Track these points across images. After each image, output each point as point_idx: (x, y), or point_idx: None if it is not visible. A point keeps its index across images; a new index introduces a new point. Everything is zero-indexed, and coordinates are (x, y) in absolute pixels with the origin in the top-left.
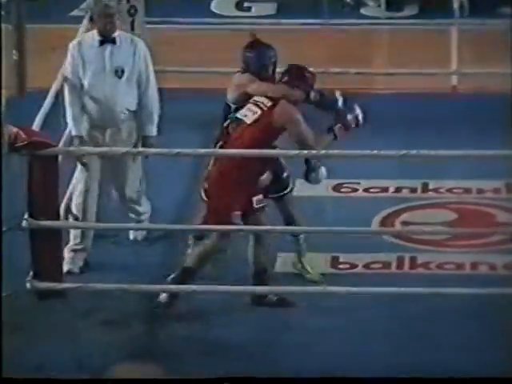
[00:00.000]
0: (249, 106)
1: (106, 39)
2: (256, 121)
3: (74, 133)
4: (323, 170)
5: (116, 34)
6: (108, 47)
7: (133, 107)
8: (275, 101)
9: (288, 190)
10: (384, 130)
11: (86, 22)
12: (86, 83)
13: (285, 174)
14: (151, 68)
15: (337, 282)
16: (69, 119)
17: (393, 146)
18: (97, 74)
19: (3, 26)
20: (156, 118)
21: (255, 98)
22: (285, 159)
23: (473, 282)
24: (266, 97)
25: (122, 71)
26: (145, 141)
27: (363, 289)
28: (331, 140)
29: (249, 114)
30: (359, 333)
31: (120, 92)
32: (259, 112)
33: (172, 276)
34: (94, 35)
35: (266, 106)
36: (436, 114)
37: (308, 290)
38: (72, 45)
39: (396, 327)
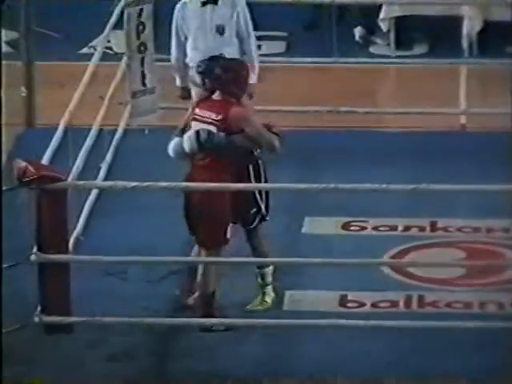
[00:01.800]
0: (195, 124)
1: (208, 0)
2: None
3: (178, 84)
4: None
5: None
6: (209, 7)
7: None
8: (222, 110)
9: (253, 225)
10: (392, 167)
11: None
12: (190, 39)
13: (253, 210)
14: (250, 24)
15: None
16: (175, 72)
17: (402, 183)
18: (200, 31)
19: (14, 62)
20: (257, 68)
21: (198, 115)
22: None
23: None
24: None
25: (223, 28)
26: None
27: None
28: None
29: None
30: None
31: (223, 46)
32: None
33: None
34: None
35: (215, 119)
36: (444, 151)
37: (320, 323)
38: (178, 6)
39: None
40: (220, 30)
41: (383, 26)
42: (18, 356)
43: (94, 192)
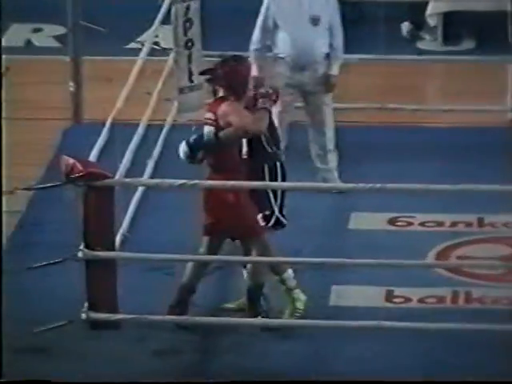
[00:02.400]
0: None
1: None
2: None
3: (254, 73)
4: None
5: None
6: None
7: (326, 50)
8: (216, 109)
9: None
10: (441, 162)
11: None
12: (285, 30)
13: (267, 212)
14: (338, 14)
15: (391, 316)
16: (253, 60)
17: (449, 179)
18: (295, 22)
19: (62, 57)
20: (340, 59)
21: (204, 117)
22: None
23: None
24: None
25: (318, 19)
26: (328, 78)
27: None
28: (264, 113)
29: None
30: None
31: (317, 37)
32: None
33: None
34: None
35: (210, 119)
36: (492, 146)
37: (364, 325)
38: None
39: None
40: (315, 21)
41: (431, 22)
42: (64, 352)
43: (141, 188)
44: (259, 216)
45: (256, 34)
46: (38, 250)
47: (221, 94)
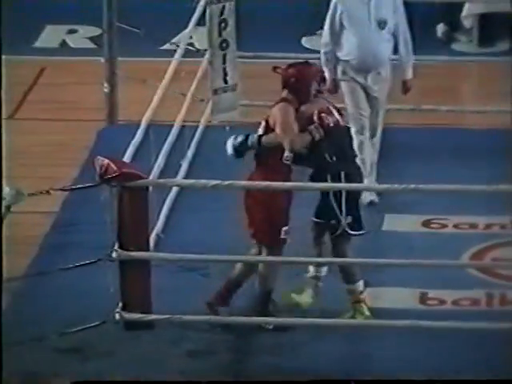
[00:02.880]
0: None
1: None
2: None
3: (327, 76)
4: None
5: None
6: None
7: (390, 53)
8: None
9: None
10: (473, 164)
11: None
12: (349, 31)
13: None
14: (404, 17)
15: (425, 318)
16: (324, 64)
17: (482, 180)
18: (361, 24)
19: (97, 58)
20: (411, 62)
21: None
22: None
23: None
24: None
25: (385, 22)
26: (404, 84)
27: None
28: (309, 139)
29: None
30: None
31: (382, 41)
32: (264, 122)
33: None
34: None
35: (265, 119)
36: None
37: (397, 324)
38: None
39: None
40: (382, 25)
41: (466, 23)
42: (98, 352)
43: (175, 189)
44: (283, 228)
45: (325, 36)
46: (72, 251)
47: (283, 94)
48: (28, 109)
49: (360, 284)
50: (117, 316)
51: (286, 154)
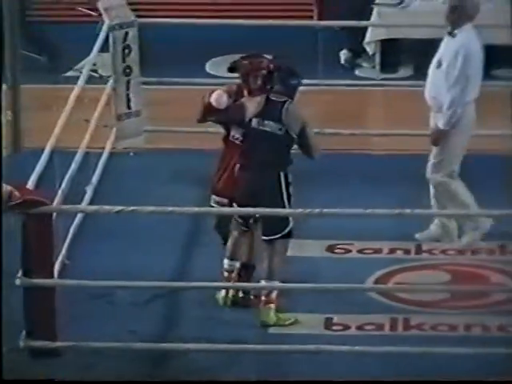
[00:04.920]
0: None
1: (450, 32)
2: None
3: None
4: None
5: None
6: (447, 39)
7: (443, 97)
8: None
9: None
10: (378, 189)
11: None
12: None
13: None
14: (459, 65)
15: (331, 343)
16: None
17: (387, 205)
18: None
19: None
20: (449, 113)
21: None
22: None
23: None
24: None
25: (440, 62)
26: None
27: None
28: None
29: None
30: None
31: (436, 80)
32: None
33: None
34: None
35: None
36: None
37: (307, 349)
38: None
39: None
40: (439, 63)
41: (369, 49)
42: (5, 380)
43: (80, 215)
44: None
45: None
46: None
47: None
48: None
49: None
50: (21, 343)
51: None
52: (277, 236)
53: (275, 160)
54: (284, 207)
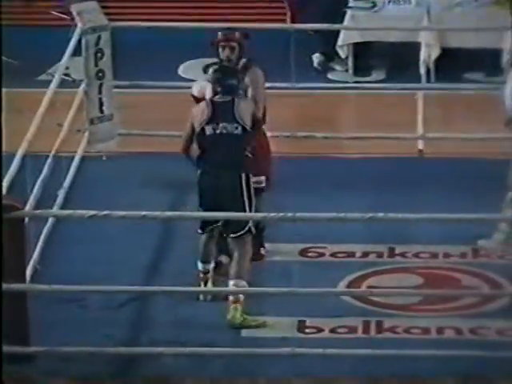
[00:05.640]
0: None
1: None
2: None
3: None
4: None
5: None
6: None
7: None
8: None
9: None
10: (351, 193)
11: None
12: None
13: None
14: None
15: (304, 346)
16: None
17: (360, 209)
18: None
19: None
20: None
21: None
22: None
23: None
24: None
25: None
26: None
27: (328, 350)
28: None
29: None
30: None
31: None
32: None
33: None
34: None
35: None
36: (403, 177)
37: (282, 352)
38: None
39: None
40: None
41: (341, 53)
42: None
43: (51, 220)
44: None
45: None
46: None
47: None
48: None
49: (244, 284)
50: None
51: None
52: (237, 235)
53: (235, 161)
54: (244, 207)
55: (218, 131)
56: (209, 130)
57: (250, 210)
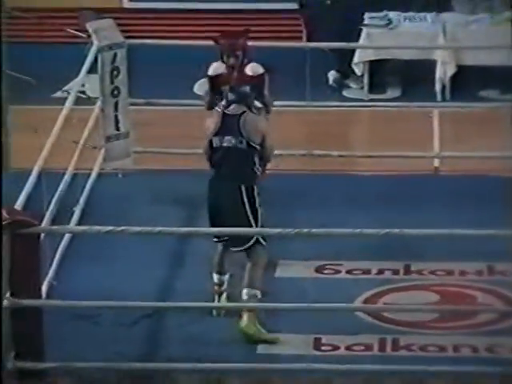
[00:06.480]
0: None
1: None
2: None
3: None
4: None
5: None
6: None
7: None
8: None
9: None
10: (367, 211)
11: None
12: None
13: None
14: None
15: (320, 363)
16: None
17: (376, 226)
18: None
19: None
20: None
21: None
22: None
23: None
24: None
25: None
26: None
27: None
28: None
29: None
30: None
31: None
32: None
33: None
34: None
35: None
36: (418, 194)
37: (293, 367)
38: None
39: None
40: None
41: (357, 70)
42: None
43: (67, 236)
44: None
45: None
46: None
47: None
48: None
49: (256, 292)
50: (9, 364)
51: None
52: (245, 247)
53: (236, 174)
54: (249, 221)
55: (224, 144)
56: (215, 143)
57: (256, 222)
